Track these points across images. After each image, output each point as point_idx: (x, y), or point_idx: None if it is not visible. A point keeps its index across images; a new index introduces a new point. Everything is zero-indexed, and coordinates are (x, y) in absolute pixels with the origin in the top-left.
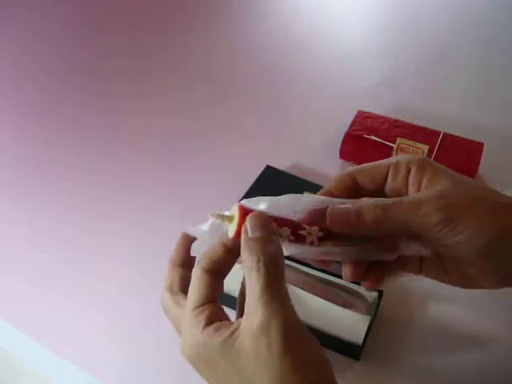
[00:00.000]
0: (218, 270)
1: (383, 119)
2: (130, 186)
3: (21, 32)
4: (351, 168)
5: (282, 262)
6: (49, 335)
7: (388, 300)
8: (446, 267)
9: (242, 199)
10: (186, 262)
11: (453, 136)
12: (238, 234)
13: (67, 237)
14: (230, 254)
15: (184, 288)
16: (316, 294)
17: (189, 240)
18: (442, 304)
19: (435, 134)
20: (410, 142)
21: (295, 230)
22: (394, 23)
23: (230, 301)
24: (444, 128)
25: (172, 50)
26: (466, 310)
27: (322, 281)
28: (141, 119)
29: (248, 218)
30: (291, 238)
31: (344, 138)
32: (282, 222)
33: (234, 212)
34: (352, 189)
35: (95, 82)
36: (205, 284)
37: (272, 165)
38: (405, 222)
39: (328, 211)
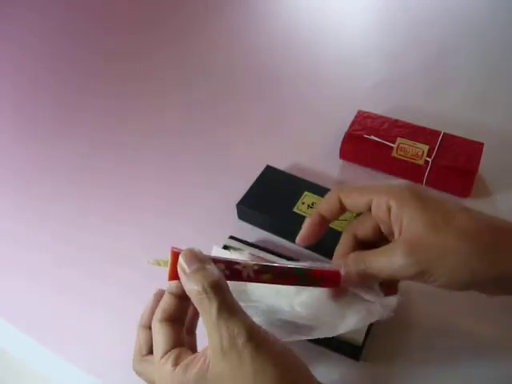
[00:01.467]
0: (174, 317)
1: (383, 119)
2: (129, 185)
3: (19, 32)
4: (338, 188)
5: (224, 281)
6: (49, 335)
7: None
8: None
9: (241, 199)
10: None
11: (453, 136)
12: (171, 274)
13: (67, 237)
14: (179, 300)
15: (152, 348)
16: None
17: (158, 302)
18: (442, 304)
19: (435, 133)
20: (410, 142)
21: (230, 265)
22: (394, 23)
23: None
24: (444, 128)
25: (171, 49)
26: (465, 310)
27: None
28: (140, 119)
29: (181, 256)
30: (226, 272)
31: (344, 138)
32: (215, 260)
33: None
34: (339, 212)
35: (94, 82)
36: (164, 334)
37: (272, 165)
38: (387, 275)
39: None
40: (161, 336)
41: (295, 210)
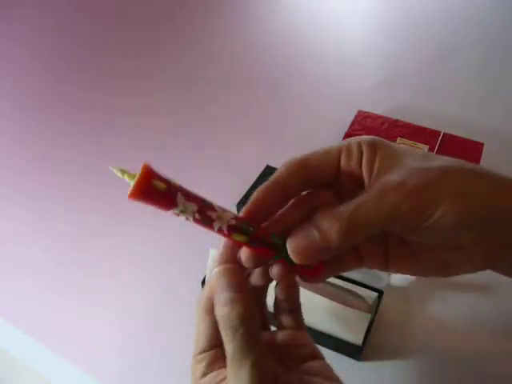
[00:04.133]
0: None
1: (383, 119)
2: (129, 184)
3: (20, 31)
4: (301, 154)
5: (250, 321)
6: (49, 335)
7: (388, 300)
8: (418, 257)
9: (241, 199)
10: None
11: (453, 136)
12: (135, 192)
13: (67, 236)
14: None
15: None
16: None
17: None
18: (442, 304)
19: (435, 133)
20: (410, 142)
21: (203, 209)
22: (394, 24)
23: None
24: (444, 128)
25: (172, 48)
26: (465, 310)
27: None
28: (141, 118)
29: (217, 273)
30: (196, 216)
31: (344, 138)
32: (191, 197)
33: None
34: (304, 177)
35: (94, 81)
36: (206, 327)
37: (272, 165)
38: (376, 222)
39: (289, 246)
40: (202, 329)
41: None
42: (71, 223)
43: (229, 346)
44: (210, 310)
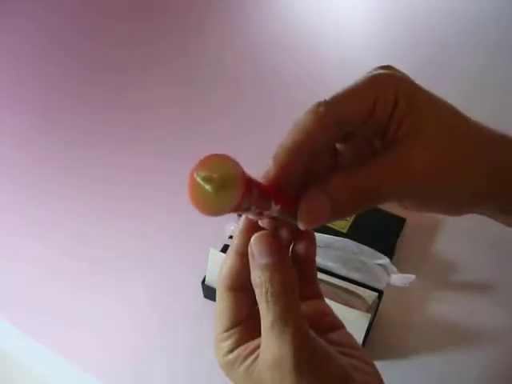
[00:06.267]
0: (241, 283)
1: None
2: (128, 179)
3: (22, 24)
4: (328, 100)
5: (292, 288)
6: (49, 335)
7: (388, 300)
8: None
9: None
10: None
11: None
12: (236, 207)
13: (68, 235)
14: (246, 260)
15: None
16: None
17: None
18: (442, 304)
19: None
20: None
21: (262, 211)
22: (394, 25)
23: None
24: None
25: (171, 43)
26: (465, 310)
27: (321, 281)
28: (140, 112)
29: (254, 240)
30: (251, 216)
31: None
32: (261, 206)
33: (225, 175)
34: (334, 131)
35: (96, 75)
36: (229, 305)
37: None
38: (388, 197)
39: (300, 215)
40: (226, 308)
41: None
42: (73, 220)
43: (268, 314)
44: (232, 287)
